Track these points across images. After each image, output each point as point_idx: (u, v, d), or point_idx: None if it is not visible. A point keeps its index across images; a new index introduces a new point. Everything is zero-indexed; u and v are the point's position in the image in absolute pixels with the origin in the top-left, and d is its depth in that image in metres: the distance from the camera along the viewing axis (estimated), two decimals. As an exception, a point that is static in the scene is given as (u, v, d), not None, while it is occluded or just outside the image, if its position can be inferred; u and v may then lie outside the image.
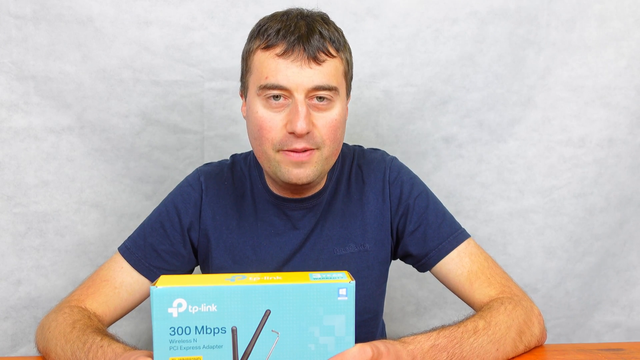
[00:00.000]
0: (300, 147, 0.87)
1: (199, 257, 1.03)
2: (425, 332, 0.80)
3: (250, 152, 1.06)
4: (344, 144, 1.07)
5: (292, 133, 0.86)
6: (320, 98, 0.88)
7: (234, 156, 1.08)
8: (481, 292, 0.94)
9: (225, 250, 0.99)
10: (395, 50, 1.38)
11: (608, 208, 1.47)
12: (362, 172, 1.03)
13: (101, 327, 0.87)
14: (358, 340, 0.98)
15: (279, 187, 0.98)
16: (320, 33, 0.87)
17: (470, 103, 1.42)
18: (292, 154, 0.88)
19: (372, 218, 1.00)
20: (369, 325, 1.04)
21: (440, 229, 0.99)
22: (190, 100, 1.36)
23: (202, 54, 1.34)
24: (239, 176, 1.03)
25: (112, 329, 0.98)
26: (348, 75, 0.94)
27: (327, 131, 0.89)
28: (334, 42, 0.89)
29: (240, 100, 1.36)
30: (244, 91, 0.96)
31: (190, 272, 1.07)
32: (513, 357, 0.86)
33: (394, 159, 1.06)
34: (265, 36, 0.87)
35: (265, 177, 1.00)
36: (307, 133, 0.86)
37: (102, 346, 0.77)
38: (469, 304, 0.98)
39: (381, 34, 1.37)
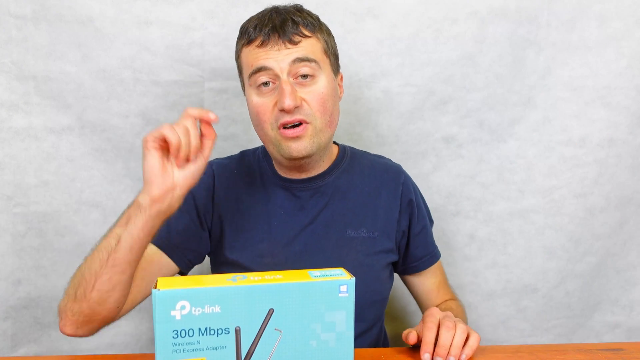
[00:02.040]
0: (292, 120, 0.95)
1: (212, 241, 1.09)
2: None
3: (258, 147, 1.15)
4: (353, 147, 1.17)
5: (283, 110, 0.94)
6: (304, 76, 0.96)
7: (243, 151, 1.17)
8: (442, 298, 1.20)
9: (238, 231, 1.06)
10: (395, 50, 1.38)
11: (608, 208, 1.47)
12: (375, 170, 1.12)
13: None
14: (368, 320, 1.07)
15: (285, 168, 1.06)
16: (293, 20, 0.96)
17: (470, 103, 1.42)
18: (287, 131, 0.96)
19: (382, 211, 1.09)
20: (376, 306, 1.11)
21: (431, 237, 1.19)
22: (190, 100, 1.36)
23: (202, 54, 1.34)
24: (247, 166, 1.11)
25: (112, 328, 0.99)
26: (329, 53, 1.02)
27: (316, 104, 0.96)
28: (307, 25, 0.98)
29: (239, 101, 1.38)
30: (243, 88, 1.05)
31: (203, 257, 1.11)
32: None
33: (401, 166, 1.18)
34: (246, 34, 0.98)
35: (273, 161, 1.08)
36: (296, 108, 0.94)
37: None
38: (426, 306, 1.20)
39: (381, 34, 1.37)
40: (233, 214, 1.07)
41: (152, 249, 1.02)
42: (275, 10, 1.00)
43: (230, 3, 1.32)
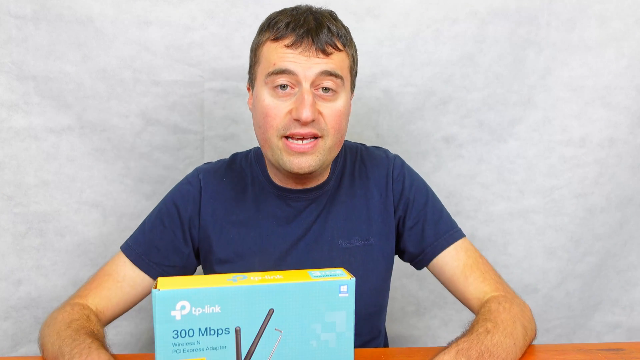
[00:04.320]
0: (304, 132, 0.89)
1: (200, 254, 1.04)
2: (443, 347, 0.80)
3: (251, 150, 1.09)
4: (347, 141, 1.10)
5: (297, 120, 0.88)
6: (326, 89, 0.90)
7: (234, 154, 1.09)
8: (476, 286, 0.97)
9: (228, 244, 1.00)
10: (396, 50, 1.38)
11: (609, 208, 1.47)
12: (366, 168, 1.05)
13: (96, 331, 0.87)
14: (364, 334, 1.01)
15: (282, 177, 0.99)
16: (329, 28, 0.90)
17: (470, 103, 1.42)
18: (294, 144, 0.90)
19: (377, 213, 1.02)
20: (374, 319, 1.05)
21: (437, 226, 1.02)
22: (190, 100, 1.36)
23: (202, 54, 1.34)
24: (238, 171, 1.04)
25: (112, 328, 0.98)
26: (353, 71, 0.97)
27: (332, 120, 0.91)
28: (341, 37, 0.91)
29: (239, 101, 1.37)
30: (251, 83, 0.98)
31: (192, 272, 1.07)
32: (521, 353, 0.86)
33: (397, 156, 1.08)
34: (275, 29, 0.90)
35: (269, 168, 1.01)
36: (313, 121, 0.88)
37: (89, 347, 0.78)
38: (463, 298, 0.99)
39: (381, 34, 1.37)
40: (222, 226, 1.00)
41: (135, 271, 0.99)
42: (310, 11, 0.92)
43: (230, 3, 1.32)
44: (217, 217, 1.01)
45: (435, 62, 1.39)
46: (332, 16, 0.94)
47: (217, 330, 0.65)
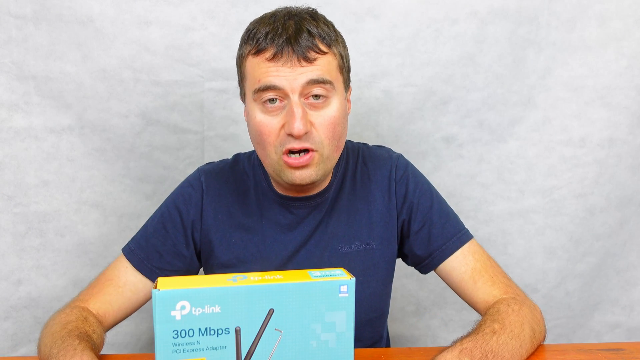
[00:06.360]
0: (299, 147, 0.87)
1: (202, 257, 1.03)
2: (446, 346, 0.79)
3: (253, 151, 1.06)
4: (349, 141, 1.07)
5: (291, 134, 0.86)
6: (316, 96, 0.87)
7: (237, 155, 1.07)
8: (485, 290, 0.95)
9: (229, 248, 0.99)
10: (396, 50, 1.38)
11: (608, 208, 1.47)
12: (367, 169, 1.02)
13: (91, 332, 0.86)
14: (364, 339, 1.00)
15: (283, 188, 0.98)
16: (309, 31, 0.86)
17: (470, 103, 1.42)
18: (292, 160, 0.88)
19: (379, 216, 1.00)
20: (375, 324, 1.03)
21: (444, 229, 0.99)
22: (190, 100, 1.36)
23: (202, 54, 1.34)
24: (240, 175, 1.03)
25: (112, 328, 0.98)
26: (344, 69, 0.93)
27: (325, 130, 0.88)
28: (324, 38, 0.88)
29: (239, 101, 1.37)
30: (242, 97, 0.96)
31: (194, 274, 1.07)
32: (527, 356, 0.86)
33: (400, 156, 1.05)
34: (255, 41, 0.87)
35: (270, 177, 0.99)
36: (306, 133, 0.86)
37: (75, 348, 0.77)
38: (471, 302, 0.98)
39: (381, 34, 1.37)
40: (224, 230, 0.99)
41: (137, 276, 0.98)
42: (288, 15, 0.88)
43: (230, 3, 1.33)
44: (220, 220, 1.00)
45: (435, 62, 1.39)
46: (311, 16, 0.89)
47: (217, 330, 0.65)
